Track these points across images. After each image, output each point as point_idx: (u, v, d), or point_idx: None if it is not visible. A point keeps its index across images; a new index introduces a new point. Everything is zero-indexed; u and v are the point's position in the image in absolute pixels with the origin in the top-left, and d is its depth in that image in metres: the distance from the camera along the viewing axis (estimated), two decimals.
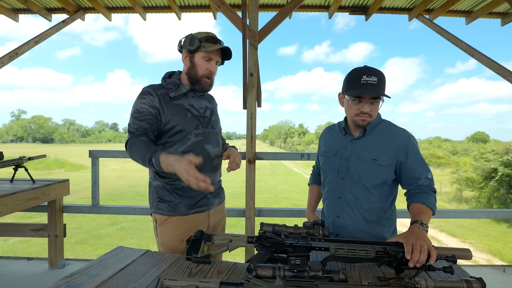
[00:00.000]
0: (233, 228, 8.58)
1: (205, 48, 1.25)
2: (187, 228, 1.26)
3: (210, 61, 1.29)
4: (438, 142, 59.51)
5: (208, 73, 1.29)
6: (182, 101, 1.29)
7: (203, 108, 1.35)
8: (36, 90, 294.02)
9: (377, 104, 1.17)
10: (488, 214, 2.85)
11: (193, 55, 1.28)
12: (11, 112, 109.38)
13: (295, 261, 0.77)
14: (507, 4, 2.92)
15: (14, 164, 2.19)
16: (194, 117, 1.29)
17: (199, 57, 1.27)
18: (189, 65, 1.30)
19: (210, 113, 1.38)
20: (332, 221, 1.28)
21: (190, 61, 1.29)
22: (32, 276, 2.39)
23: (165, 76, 1.35)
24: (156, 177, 1.29)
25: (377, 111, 1.21)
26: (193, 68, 1.29)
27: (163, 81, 1.33)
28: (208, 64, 1.29)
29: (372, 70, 1.15)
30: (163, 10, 3.37)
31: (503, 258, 8.12)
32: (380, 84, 1.14)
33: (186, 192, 1.27)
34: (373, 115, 1.19)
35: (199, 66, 1.28)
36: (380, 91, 1.14)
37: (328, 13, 3.34)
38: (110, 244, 7.48)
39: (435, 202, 1.11)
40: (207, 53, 1.27)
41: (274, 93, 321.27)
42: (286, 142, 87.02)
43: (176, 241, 1.26)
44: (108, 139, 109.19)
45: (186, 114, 1.28)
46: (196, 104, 1.33)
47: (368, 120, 1.19)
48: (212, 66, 1.30)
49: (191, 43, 1.25)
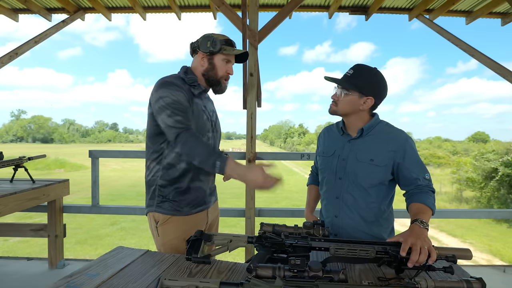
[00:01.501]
0: (233, 228, 8.58)
1: (227, 51, 1.25)
2: (188, 227, 1.26)
3: (228, 63, 1.30)
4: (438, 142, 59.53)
5: (227, 75, 1.31)
6: (199, 101, 1.28)
7: (212, 111, 1.37)
8: (36, 90, 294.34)
9: (345, 95, 1.19)
10: (488, 214, 2.85)
11: (212, 56, 1.27)
12: (11, 112, 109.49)
13: (295, 261, 0.77)
14: (507, 4, 2.92)
15: (14, 164, 2.19)
16: (207, 120, 1.29)
17: (219, 59, 1.27)
18: (207, 67, 1.28)
19: (215, 116, 1.40)
20: (331, 221, 1.28)
21: (209, 63, 1.27)
22: (32, 276, 2.39)
23: (185, 71, 1.29)
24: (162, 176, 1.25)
25: (345, 103, 1.20)
26: (213, 70, 1.28)
27: (184, 75, 1.26)
28: (227, 66, 1.30)
29: (358, 65, 1.21)
30: (163, 10, 3.37)
31: (503, 258, 8.12)
32: (353, 76, 1.18)
33: (188, 193, 1.27)
34: (339, 105, 1.22)
35: (219, 67, 1.28)
36: (342, 81, 1.19)
37: (328, 13, 3.34)
38: (110, 244, 7.49)
39: (434, 201, 1.11)
40: (227, 56, 1.28)
41: (275, 93, 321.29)
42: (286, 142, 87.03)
43: (178, 240, 1.26)
44: (108, 139, 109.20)
45: (203, 116, 1.26)
46: (208, 107, 1.34)
47: (334, 108, 1.24)
48: (231, 68, 1.31)
49: (213, 44, 1.24)
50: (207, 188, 1.34)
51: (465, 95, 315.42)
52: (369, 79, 1.17)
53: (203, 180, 1.30)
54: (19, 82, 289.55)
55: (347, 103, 1.20)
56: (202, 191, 1.30)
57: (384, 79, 1.20)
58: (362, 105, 1.19)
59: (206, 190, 1.33)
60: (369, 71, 1.18)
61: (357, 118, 1.23)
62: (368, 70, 1.18)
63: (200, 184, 1.29)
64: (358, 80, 1.17)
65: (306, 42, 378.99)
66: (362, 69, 1.19)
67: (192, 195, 1.27)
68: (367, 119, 1.24)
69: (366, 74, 1.18)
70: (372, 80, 1.18)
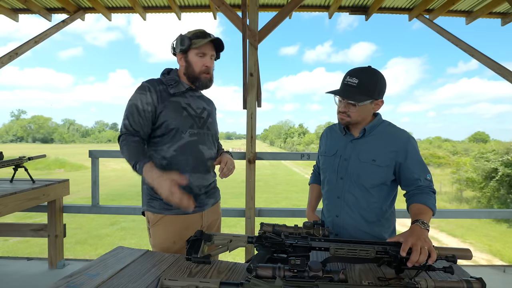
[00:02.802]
0: (233, 228, 8.58)
1: (196, 44, 1.26)
2: (179, 229, 1.25)
3: (204, 57, 1.30)
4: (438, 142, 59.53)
5: (205, 68, 1.30)
6: (180, 99, 1.29)
7: (200, 108, 1.35)
8: (37, 90, 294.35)
9: (353, 106, 1.16)
10: (488, 214, 2.85)
11: (186, 54, 1.29)
12: (11, 112, 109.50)
13: (295, 261, 0.77)
14: (507, 4, 2.92)
15: (14, 164, 2.19)
16: (190, 117, 1.29)
17: (192, 54, 1.29)
18: (185, 65, 1.30)
19: (207, 114, 1.37)
20: (332, 221, 1.28)
21: (185, 61, 1.30)
22: (32, 276, 2.39)
23: (164, 72, 1.35)
24: None
25: (358, 113, 1.18)
26: (190, 67, 1.30)
27: (163, 76, 1.33)
28: (203, 59, 1.29)
29: (358, 71, 1.15)
30: (163, 10, 3.36)
31: (503, 258, 8.12)
32: (359, 87, 1.13)
33: None
34: (352, 115, 1.18)
35: (194, 63, 1.29)
36: (353, 95, 1.13)
37: (328, 13, 3.33)
38: (110, 244, 7.49)
39: (435, 202, 1.11)
40: (199, 49, 1.28)
41: (275, 93, 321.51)
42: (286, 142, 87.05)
43: (168, 243, 1.25)
44: (108, 139, 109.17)
45: (182, 112, 1.27)
46: (194, 104, 1.33)
47: (347, 119, 1.20)
48: (207, 61, 1.30)
49: (182, 42, 1.27)
50: (199, 189, 1.30)
51: (466, 95, 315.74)
52: (377, 83, 1.15)
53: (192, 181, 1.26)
54: (20, 82, 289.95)
55: (361, 113, 1.19)
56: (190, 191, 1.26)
57: (383, 76, 1.19)
58: (373, 108, 1.20)
59: (198, 191, 1.30)
60: (374, 75, 1.16)
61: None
62: (373, 75, 1.16)
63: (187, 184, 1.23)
64: (367, 89, 1.14)
65: (307, 42, 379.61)
66: (366, 75, 1.15)
67: None
68: (369, 119, 1.24)
69: (373, 80, 1.15)
70: (379, 83, 1.16)
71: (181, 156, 1.25)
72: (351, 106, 1.17)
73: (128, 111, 1.22)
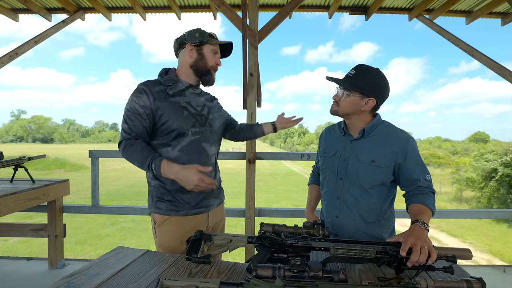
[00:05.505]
0: (233, 228, 8.58)
1: (213, 41, 1.30)
2: (186, 230, 1.25)
3: (216, 55, 1.33)
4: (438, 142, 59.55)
5: (215, 66, 1.34)
6: (179, 99, 1.28)
7: (200, 105, 1.34)
8: (38, 90, 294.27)
9: (346, 96, 1.19)
10: (488, 214, 2.85)
11: (201, 47, 1.30)
12: (11, 112, 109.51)
13: (295, 261, 0.77)
14: (507, 4, 2.92)
15: (14, 164, 2.19)
16: (191, 115, 1.28)
17: (207, 49, 1.30)
18: (196, 57, 1.30)
19: (207, 111, 1.36)
20: (331, 221, 1.28)
21: (198, 53, 1.30)
22: (32, 276, 2.39)
23: (162, 73, 1.34)
24: (154, 177, 1.28)
25: (346, 103, 1.20)
26: (202, 60, 1.30)
27: (160, 77, 1.31)
28: (216, 57, 1.33)
29: (361, 66, 1.20)
30: (163, 10, 3.37)
31: (503, 258, 8.12)
32: (355, 77, 1.17)
33: (185, 193, 1.26)
34: (341, 105, 1.21)
35: (208, 58, 1.31)
36: (344, 81, 1.18)
37: (328, 13, 3.34)
38: (110, 244, 7.48)
39: (434, 202, 1.11)
40: (215, 46, 1.32)
41: (276, 93, 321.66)
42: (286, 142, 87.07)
43: (175, 243, 1.25)
44: (108, 139, 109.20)
45: (183, 112, 1.26)
46: (194, 102, 1.32)
47: (335, 108, 1.24)
48: (219, 60, 1.35)
49: (201, 35, 1.28)
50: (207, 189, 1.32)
51: (467, 95, 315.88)
52: (371, 80, 1.16)
53: None
54: (21, 82, 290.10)
55: (349, 104, 1.20)
56: (199, 193, 1.28)
57: (386, 80, 1.19)
58: (363, 106, 1.19)
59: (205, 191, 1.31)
60: (371, 72, 1.17)
61: (359, 118, 1.23)
62: (370, 71, 1.17)
63: None
64: (360, 81, 1.16)
65: (309, 42, 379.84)
66: (364, 70, 1.18)
67: (187, 195, 1.26)
68: (368, 119, 1.24)
69: (368, 75, 1.17)
70: (374, 81, 1.17)
71: (185, 155, 1.25)
72: (342, 96, 1.20)
73: (126, 116, 1.22)
